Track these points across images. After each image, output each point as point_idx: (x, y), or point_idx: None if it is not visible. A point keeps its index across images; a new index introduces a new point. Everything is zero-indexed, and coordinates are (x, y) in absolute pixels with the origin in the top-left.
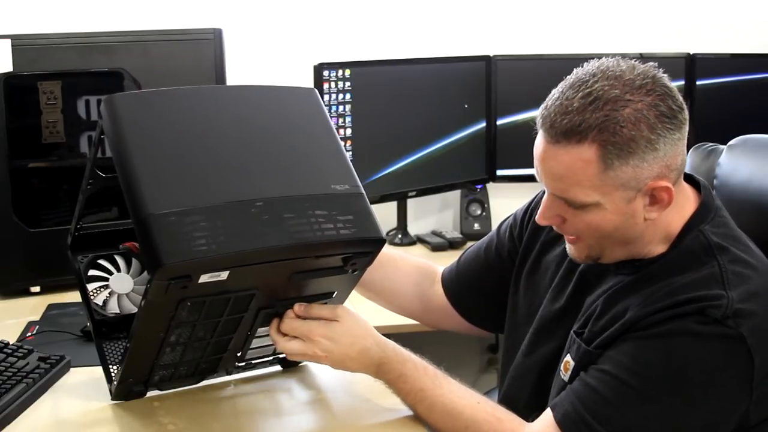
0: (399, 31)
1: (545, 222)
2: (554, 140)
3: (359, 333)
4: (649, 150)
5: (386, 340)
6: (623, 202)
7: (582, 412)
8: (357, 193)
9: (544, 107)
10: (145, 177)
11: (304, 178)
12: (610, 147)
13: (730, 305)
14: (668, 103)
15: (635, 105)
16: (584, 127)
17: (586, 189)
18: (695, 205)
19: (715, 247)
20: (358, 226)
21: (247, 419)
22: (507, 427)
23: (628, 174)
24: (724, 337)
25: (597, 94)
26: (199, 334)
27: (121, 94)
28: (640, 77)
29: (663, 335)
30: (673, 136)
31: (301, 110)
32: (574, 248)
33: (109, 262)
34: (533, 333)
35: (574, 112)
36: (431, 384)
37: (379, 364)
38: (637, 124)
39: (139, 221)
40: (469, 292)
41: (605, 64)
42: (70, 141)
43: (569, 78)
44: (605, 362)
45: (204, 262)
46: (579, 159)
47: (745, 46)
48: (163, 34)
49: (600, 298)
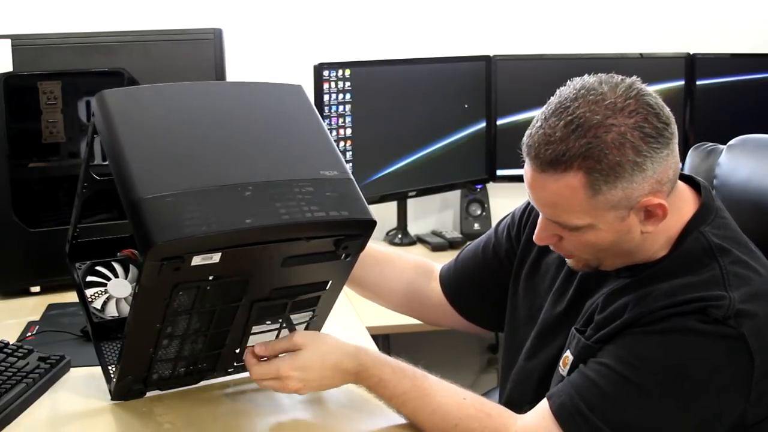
0: (399, 31)
1: (542, 242)
2: (540, 169)
3: (325, 350)
4: (636, 172)
5: (358, 347)
6: (617, 221)
7: (579, 403)
8: (346, 178)
9: (528, 135)
10: (136, 163)
11: (293, 164)
12: (597, 174)
13: (731, 305)
14: (652, 122)
15: (618, 129)
16: (568, 156)
17: (577, 213)
18: (695, 207)
19: (716, 249)
20: (348, 208)
21: (245, 419)
22: (497, 422)
23: (617, 196)
24: (725, 337)
25: (579, 121)
26: (195, 325)
27: (112, 90)
28: (622, 98)
29: (664, 331)
30: (660, 153)
31: (289, 104)
32: (571, 261)
33: (107, 269)
34: (535, 337)
35: (557, 141)
36: (411, 386)
37: (357, 373)
38: (621, 149)
39: (131, 206)
40: (467, 290)
41: (587, 86)
42: (70, 141)
43: (552, 101)
44: (604, 356)
45: (195, 241)
46: (566, 187)
47: (745, 46)
48: (163, 34)
49: (600, 298)
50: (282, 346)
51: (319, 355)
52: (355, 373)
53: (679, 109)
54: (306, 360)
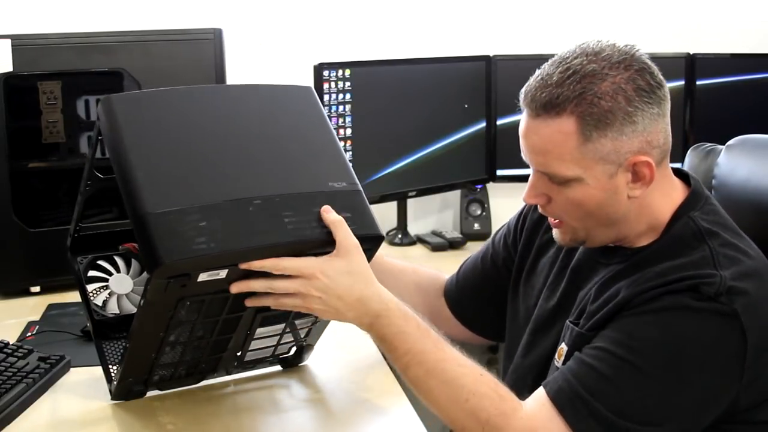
0: (399, 31)
1: (531, 200)
2: (534, 114)
3: (360, 278)
4: (627, 122)
5: (389, 293)
6: (605, 177)
7: (577, 387)
8: (355, 190)
9: (526, 84)
10: (143, 176)
11: (301, 176)
12: (588, 118)
13: (723, 283)
14: (646, 78)
15: (613, 78)
16: (562, 99)
17: (567, 162)
18: (684, 194)
19: (705, 233)
20: (356, 223)
21: (247, 419)
22: (509, 405)
23: (607, 147)
24: (718, 313)
25: (575, 68)
26: (198, 333)
27: (118, 94)
28: (618, 53)
29: (657, 310)
30: (651, 110)
31: (298, 108)
32: (558, 231)
33: (108, 263)
34: (530, 334)
35: (552, 85)
36: (433, 347)
37: (377, 316)
38: (614, 96)
39: (137, 220)
40: (469, 301)
41: (586, 43)
42: (70, 141)
43: (552, 58)
44: (600, 340)
45: (203, 260)
46: (558, 132)
47: (745, 46)
48: (163, 34)
49: (592, 289)
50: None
51: (352, 276)
52: (375, 316)
53: (679, 109)
54: (339, 272)
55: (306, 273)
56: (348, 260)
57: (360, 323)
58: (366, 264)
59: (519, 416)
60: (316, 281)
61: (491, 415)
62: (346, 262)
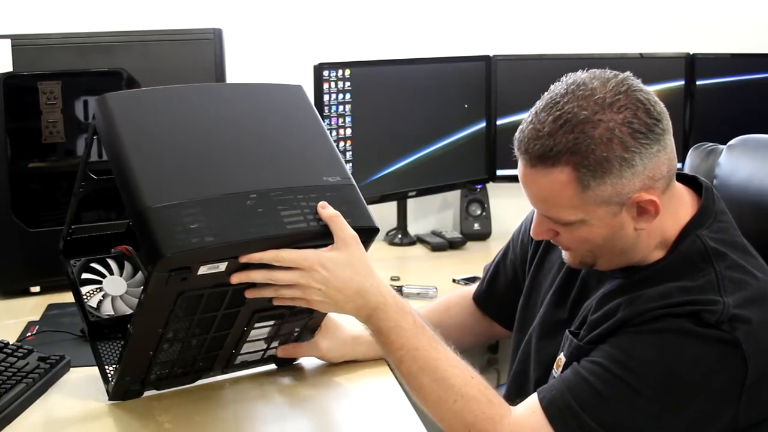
0: (399, 31)
1: (539, 237)
2: (530, 165)
3: (359, 269)
4: (625, 168)
5: (388, 286)
6: (609, 217)
7: (569, 400)
8: (349, 184)
9: (519, 130)
10: (141, 171)
11: (296, 170)
12: (584, 169)
13: (725, 311)
14: (642, 118)
15: (606, 125)
16: (556, 151)
17: (568, 209)
18: (693, 210)
19: (713, 253)
20: (350, 215)
21: (243, 417)
22: (497, 411)
23: (607, 192)
24: (719, 341)
25: (567, 116)
26: (196, 330)
27: (114, 93)
28: (611, 93)
29: (657, 331)
30: (650, 150)
31: (290, 105)
32: (568, 255)
33: (101, 265)
34: (534, 338)
35: (545, 136)
36: (428, 345)
37: (375, 309)
38: (609, 144)
39: (137, 215)
40: (501, 301)
41: (577, 82)
42: (70, 141)
43: (544, 97)
44: (598, 354)
45: (203, 252)
46: (556, 182)
47: (745, 46)
48: (163, 34)
49: (595, 300)
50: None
51: (352, 268)
52: (372, 309)
53: (679, 109)
54: (339, 264)
55: (305, 265)
56: (347, 252)
57: (358, 315)
58: (365, 256)
59: (506, 422)
60: (316, 273)
61: (478, 419)
62: (345, 254)
